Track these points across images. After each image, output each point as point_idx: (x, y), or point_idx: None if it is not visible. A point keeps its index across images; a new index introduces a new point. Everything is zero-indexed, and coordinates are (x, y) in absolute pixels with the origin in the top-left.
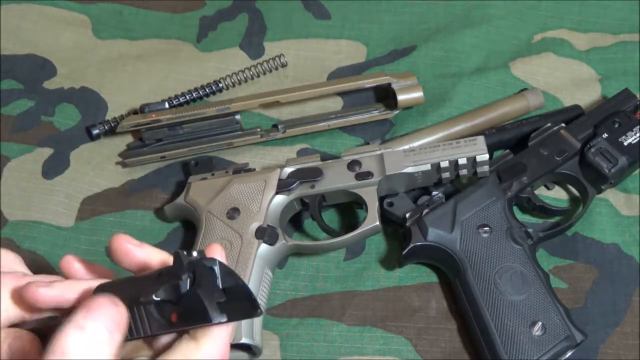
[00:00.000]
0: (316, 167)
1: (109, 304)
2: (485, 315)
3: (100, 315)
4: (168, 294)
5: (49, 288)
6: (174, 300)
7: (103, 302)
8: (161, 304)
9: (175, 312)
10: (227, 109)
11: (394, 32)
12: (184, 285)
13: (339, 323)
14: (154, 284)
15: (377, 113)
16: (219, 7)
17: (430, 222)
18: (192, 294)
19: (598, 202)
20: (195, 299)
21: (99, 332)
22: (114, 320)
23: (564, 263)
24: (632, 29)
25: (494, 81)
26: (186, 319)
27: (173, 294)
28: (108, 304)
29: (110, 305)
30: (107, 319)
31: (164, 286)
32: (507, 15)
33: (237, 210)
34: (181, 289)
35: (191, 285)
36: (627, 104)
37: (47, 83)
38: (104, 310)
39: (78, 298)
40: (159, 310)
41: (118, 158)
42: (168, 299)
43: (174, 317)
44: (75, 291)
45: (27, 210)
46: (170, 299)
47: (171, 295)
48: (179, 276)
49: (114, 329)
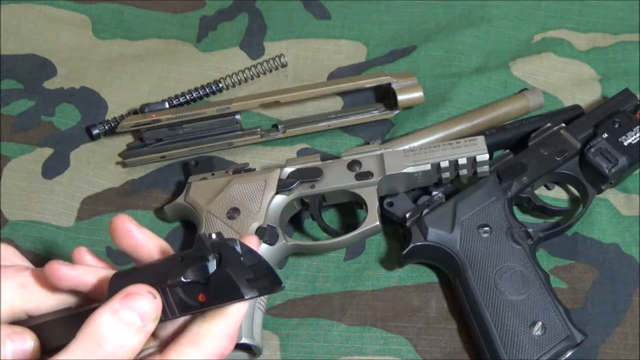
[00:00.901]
0: (316, 167)
1: (146, 293)
2: (485, 315)
3: (137, 303)
4: (196, 274)
5: (71, 268)
6: (201, 281)
7: (141, 291)
8: (189, 285)
9: (202, 292)
10: (227, 109)
11: (394, 32)
12: (211, 265)
13: (339, 323)
14: (178, 267)
15: (377, 113)
16: (219, 7)
17: (430, 222)
18: (221, 273)
19: (598, 202)
20: (225, 278)
21: (133, 320)
22: (149, 310)
23: (564, 263)
24: (632, 29)
25: (494, 81)
26: (215, 297)
27: (201, 274)
28: (145, 294)
29: (147, 295)
30: (143, 308)
31: (191, 267)
32: (507, 15)
33: (237, 210)
34: (209, 269)
35: (218, 265)
36: (627, 104)
37: (47, 83)
38: (141, 300)
39: (97, 283)
40: (185, 292)
41: (118, 158)
42: (196, 279)
43: (202, 297)
44: (95, 276)
45: (27, 210)
46: (198, 280)
47: (199, 276)
48: (205, 257)
49: (148, 319)
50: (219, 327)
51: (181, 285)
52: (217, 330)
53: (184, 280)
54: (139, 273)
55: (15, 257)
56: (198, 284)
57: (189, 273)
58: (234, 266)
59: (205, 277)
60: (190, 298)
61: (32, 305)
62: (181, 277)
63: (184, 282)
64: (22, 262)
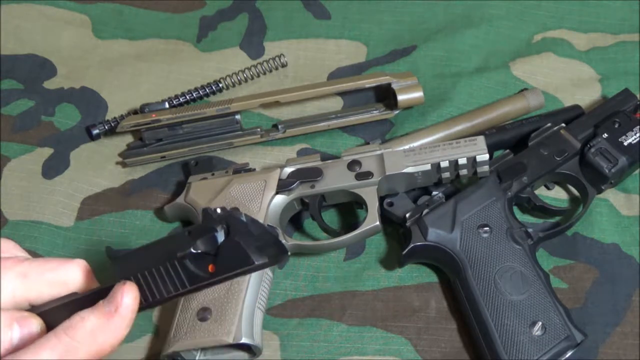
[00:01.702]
0: (316, 167)
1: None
2: (485, 315)
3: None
4: (206, 245)
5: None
6: (211, 252)
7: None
8: (198, 256)
9: (212, 263)
10: (227, 109)
11: (394, 32)
12: (219, 236)
13: (339, 323)
14: (186, 240)
15: (377, 113)
16: (219, 7)
17: (430, 222)
18: (230, 243)
19: (598, 202)
20: (234, 247)
21: None
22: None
23: (564, 263)
24: (632, 29)
25: (494, 81)
26: (225, 267)
27: (210, 245)
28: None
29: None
30: None
31: (201, 238)
32: (507, 15)
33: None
34: (218, 240)
35: (226, 235)
36: (627, 104)
37: (47, 83)
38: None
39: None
40: (195, 264)
41: (118, 158)
42: (205, 250)
43: (211, 267)
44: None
45: (27, 210)
46: (208, 251)
47: (208, 247)
48: (214, 228)
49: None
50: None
51: (191, 256)
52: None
53: (193, 252)
54: (146, 252)
55: (16, 250)
56: (207, 255)
57: (199, 244)
58: (242, 235)
59: (215, 247)
60: (200, 269)
61: (34, 295)
62: (191, 248)
63: (194, 253)
64: (23, 254)
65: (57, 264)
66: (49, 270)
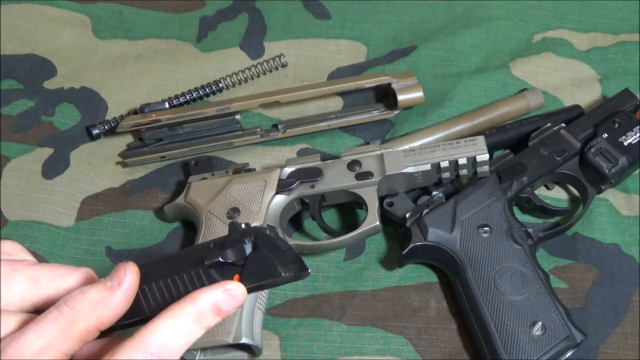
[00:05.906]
0: (316, 167)
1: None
2: (485, 315)
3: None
4: (234, 255)
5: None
6: (238, 262)
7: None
8: (224, 266)
9: (237, 273)
10: (227, 109)
11: (394, 32)
12: (247, 247)
13: (339, 323)
14: (213, 251)
15: (377, 113)
16: (219, 7)
17: (430, 222)
18: (259, 254)
19: (598, 202)
20: (262, 258)
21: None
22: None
23: (564, 263)
24: (632, 29)
25: (494, 81)
26: (251, 277)
27: (238, 255)
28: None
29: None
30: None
31: (230, 249)
32: (507, 15)
33: (237, 210)
34: (245, 251)
35: (254, 248)
36: (627, 104)
37: (47, 83)
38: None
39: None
40: (220, 273)
41: (118, 158)
42: (234, 260)
43: (236, 277)
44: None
45: (27, 210)
46: (236, 261)
47: (237, 257)
48: (243, 240)
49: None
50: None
51: (218, 265)
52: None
53: (222, 261)
54: (168, 261)
55: (24, 253)
56: (233, 266)
57: (228, 253)
58: (271, 248)
59: (242, 258)
60: (224, 279)
61: (43, 300)
62: (219, 257)
63: (222, 262)
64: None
65: (67, 271)
66: (59, 277)
